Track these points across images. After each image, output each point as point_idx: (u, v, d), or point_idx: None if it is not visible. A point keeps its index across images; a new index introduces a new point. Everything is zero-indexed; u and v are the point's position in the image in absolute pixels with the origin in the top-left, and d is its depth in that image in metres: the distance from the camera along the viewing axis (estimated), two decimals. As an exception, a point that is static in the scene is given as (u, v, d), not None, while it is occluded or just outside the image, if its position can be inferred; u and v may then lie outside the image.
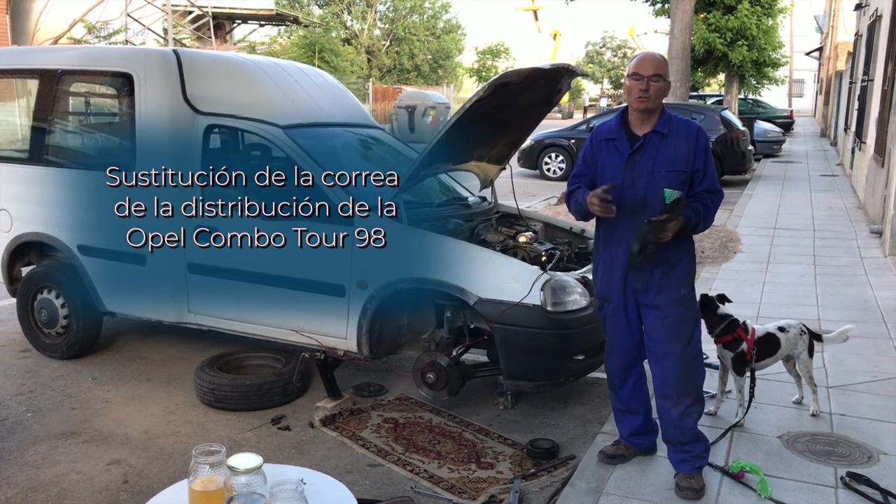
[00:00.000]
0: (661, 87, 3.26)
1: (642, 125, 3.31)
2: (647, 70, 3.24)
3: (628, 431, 3.65)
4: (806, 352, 4.09)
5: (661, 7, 19.47)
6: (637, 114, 3.31)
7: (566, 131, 17.09)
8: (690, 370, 3.38)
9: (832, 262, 8.07)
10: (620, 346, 3.51)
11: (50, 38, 20.58)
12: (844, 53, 24.35)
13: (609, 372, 3.62)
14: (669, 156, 3.27)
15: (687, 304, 3.37)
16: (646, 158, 3.28)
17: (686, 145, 3.28)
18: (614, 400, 3.67)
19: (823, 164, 18.99)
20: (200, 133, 4.80)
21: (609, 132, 3.39)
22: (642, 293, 3.36)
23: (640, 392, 3.61)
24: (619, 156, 3.33)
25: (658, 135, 3.29)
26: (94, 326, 5.26)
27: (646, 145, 3.29)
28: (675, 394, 3.36)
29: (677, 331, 3.34)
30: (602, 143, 3.40)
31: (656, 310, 3.35)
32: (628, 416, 3.63)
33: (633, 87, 3.27)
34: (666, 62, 3.38)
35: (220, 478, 2.09)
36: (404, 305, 4.47)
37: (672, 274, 3.33)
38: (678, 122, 3.34)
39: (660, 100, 3.29)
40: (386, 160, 5.70)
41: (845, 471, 3.50)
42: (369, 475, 3.70)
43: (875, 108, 11.19)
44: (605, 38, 65.60)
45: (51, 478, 3.67)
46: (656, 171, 3.26)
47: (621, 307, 3.43)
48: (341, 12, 50.11)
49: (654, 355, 3.40)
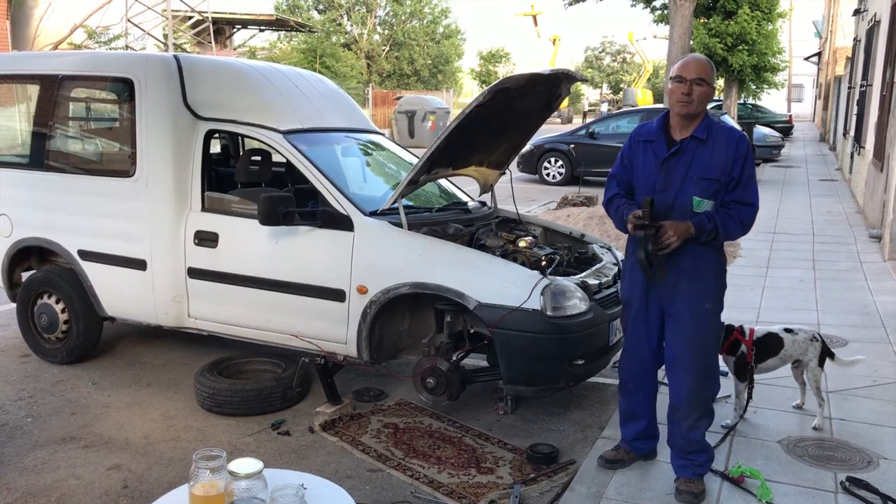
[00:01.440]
0: (705, 91, 3.17)
1: (682, 129, 3.23)
2: (690, 73, 3.15)
3: (632, 435, 3.65)
4: (816, 360, 4.05)
5: (660, 14, 19.50)
6: (678, 118, 3.23)
7: (565, 136, 17.12)
8: (704, 384, 3.36)
9: (831, 267, 8.08)
10: (637, 351, 3.49)
11: (50, 43, 20.64)
12: (843, 58, 24.38)
13: (623, 375, 3.61)
14: (705, 163, 3.18)
15: (709, 318, 3.31)
16: (681, 164, 3.21)
17: (725, 153, 3.17)
18: (623, 403, 3.67)
19: (822, 168, 19.02)
20: (201, 138, 4.81)
21: (648, 134, 3.33)
22: (667, 302, 3.32)
23: (650, 401, 3.62)
24: (654, 159, 3.27)
25: (696, 140, 3.20)
26: (94, 331, 5.26)
27: (682, 151, 3.21)
28: (686, 406, 3.34)
29: (696, 345, 3.29)
30: (640, 145, 3.34)
31: (678, 321, 3.30)
32: (633, 420, 3.64)
33: (675, 91, 3.18)
34: (711, 66, 3.24)
35: (220, 483, 2.09)
36: (404, 310, 4.48)
37: (697, 286, 3.26)
38: (719, 129, 3.23)
39: (703, 105, 3.19)
40: (386, 165, 5.72)
41: (845, 475, 3.50)
42: (369, 480, 3.69)
43: (874, 113, 11.21)
44: (605, 43, 65.96)
45: (51, 483, 3.66)
46: (689, 177, 3.18)
47: (642, 313, 3.40)
48: (341, 17, 50.21)
49: (672, 365, 3.37)
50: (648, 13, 20.20)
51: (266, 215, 4.27)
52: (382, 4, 51.24)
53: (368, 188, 5.18)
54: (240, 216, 4.69)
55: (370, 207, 4.44)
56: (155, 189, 4.77)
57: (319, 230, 4.40)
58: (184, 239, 4.75)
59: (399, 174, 5.33)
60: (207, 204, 4.80)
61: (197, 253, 4.72)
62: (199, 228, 4.73)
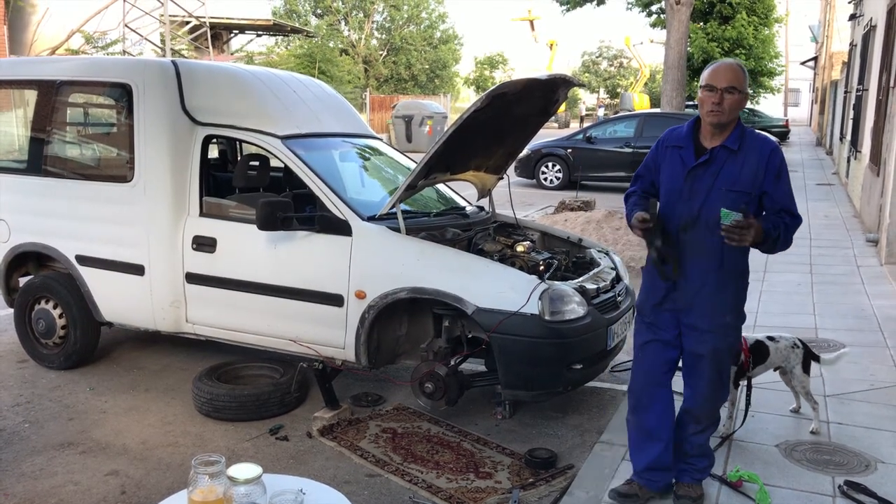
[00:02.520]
0: (737, 99, 3.02)
1: (712, 138, 3.10)
2: (721, 81, 3.00)
3: (644, 464, 3.36)
4: (799, 366, 4.06)
5: (657, 17, 19.57)
6: (709, 126, 3.09)
7: (563, 141, 17.14)
8: (717, 396, 3.32)
9: (828, 271, 8.09)
10: (650, 363, 3.32)
11: (48, 48, 20.63)
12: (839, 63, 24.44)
13: (634, 391, 3.37)
14: (734, 174, 3.04)
15: (729, 331, 3.22)
16: (709, 174, 3.07)
17: (756, 165, 3.03)
18: (634, 425, 3.39)
19: (819, 173, 19.05)
20: (199, 143, 4.81)
21: (677, 139, 3.20)
22: (684, 313, 3.20)
23: (666, 422, 3.33)
24: (681, 166, 3.13)
25: (726, 150, 3.06)
26: (92, 337, 5.26)
27: (711, 161, 3.07)
28: (697, 414, 3.31)
29: (714, 356, 3.20)
30: (668, 150, 3.22)
31: (697, 332, 3.19)
32: (648, 443, 3.34)
33: (705, 100, 3.04)
34: (744, 72, 3.07)
35: (219, 488, 2.08)
36: (402, 315, 4.48)
37: (718, 298, 3.14)
38: (752, 139, 3.09)
39: (734, 114, 3.05)
40: (383, 170, 5.72)
41: (843, 479, 3.51)
42: (367, 485, 3.69)
43: (870, 118, 11.24)
44: (602, 47, 66.03)
45: (48, 489, 3.66)
46: (716, 188, 3.05)
47: (659, 322, 3.26)
48: (338, 22, 50.29)
49: (688, 375, 3.31)
50: (645, 17, 20.32)
51: (264, 220, 4.28)
52: (380, 9, 51.35)
53: (366, 193, 5.19)
54: (238, 221, 4.69)
55: (368, 212, 4.44)
56: (153, 194, 4.77)
57: (317, 235, 4.41)
58: (182, 244, 4.75)
59: (397, 179, 5.34)
60: (205, 209, 4.80)
61: (195, 258, 4.72)
62: (197, 233, 4.73)
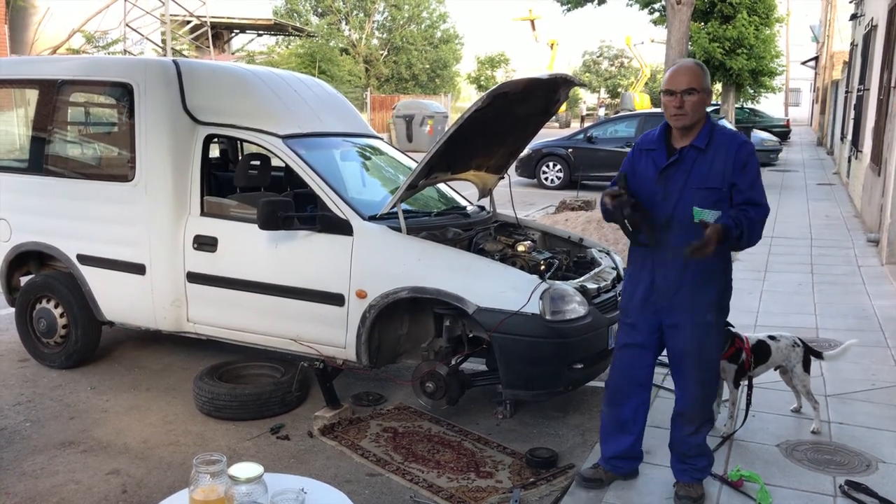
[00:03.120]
0: (698, 100, 3.07)
1: (682, 138, 3.17)
2: (680, 84, 3.07)
3: (612, 452, 3.51)
4: (800, 365, 4.07)
5: (659, 16, 19.54)
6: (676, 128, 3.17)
7: (564, 140, 17.14)
8: (706, 393, 3.34)
9: (829, 271, 8.09)
10: (628, 362, 3.40)
11: (48, 47, 20.64)
12: (840, 63, 24.44)
13: (611, 387, 3.48)
14: (704, 172, 3.10)
15: (711, 329, 3.24)
16: (680, 174, 3.14)
17: (724, 160, 3.09)
18: (608, 416, 3.52)
19: (820, 172, 19.05)
20: (200, 142, 4.81)
21: (650, 142, 3.28)
22: (666, 312, 3.25)
23: (640, 417, 3.47)
24: (654, 168, 3.21)
25: (695, 149, 3.12)
26: (93, 336, 5.26)
27: (681, 160, 3.14)
28: (690, 414, 3.33)
29: (698, 354, 3.24)
30: (642, 153, 3.29)
31: (679, 330, 3.24)
32: (620, 434, 3.48)
33: (667, 105, 3.11)
34: (703, 70, 3.14)
35: (220, 487, 2.09)
36: (403, 314, 4.48)
37: (698, 296, 3.19)
38: (721, 136, 3.14)
39: (698, 114, 3.09)
40: (384, 169, 5.72)
41: (844, 479, 3.51)
42: (368, 484, 3.69)
43: (871, 117, 11.24)
44: (602, 47, 65.97)
45: (49, 488, 3.66)
46: (689, 187, 3.12)
47: (640, 323, 3.33)
48: (339, 22, 50.29)
49: (675, 375, 3.35)
50: (647, 15, 20.26)
51: (265, 219, 4.28)
52: (381, 9, 51.35)
53: (367, 192, 5.19)
54: (239, 220, 4.69)
55: (369, 212, 4.44)
56: (154, 193, 4.77)
57: (318, 234, 4.41)
58: (183, 243, 4.76)
59: (398, 178, 5.34)
60: (206, 208, 4.80)
61: (196, 257, 4.73)
62: (199, 233, 4.74)
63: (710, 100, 3.17)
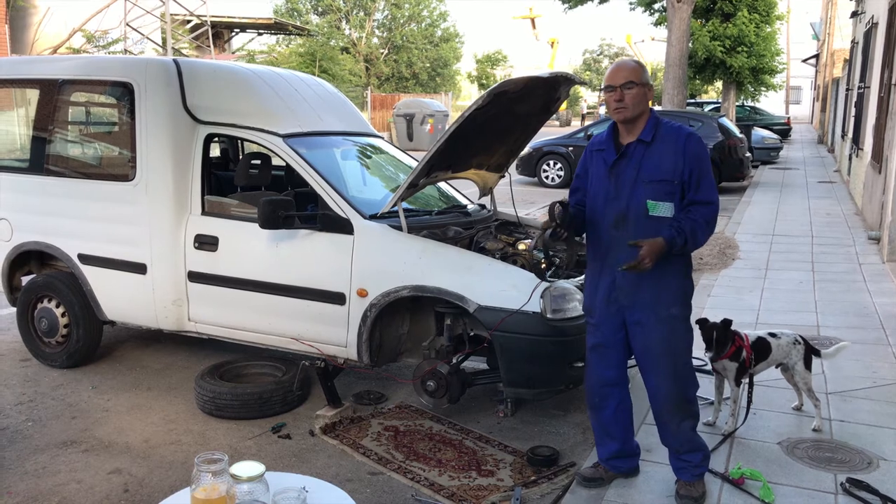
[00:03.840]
0: (638, 93, 3.13)
1: (629, 134, 3.22)
2: (618, 79, 3.14)
3: (606, 454, 3.53)
4: (801, 362, 4.07)
5: (661, 15, 19.53)
6: (620, 124, 3.23)
7: (564, 139, 17.15)
8: (681, 386, 3.31)
9: (830, 269, 8.09)
10: (600, 362, 3.40)
11: (49, 47, 20.65)
12: (841, 60, 24.42)
13: (588, 389, 3.49)
14: (653, 165, 3.14)
15: (676, 322, 3.24)
16: (630, 169, 3.18)
17: (673, 153, 3.13)
18: (594, 421, 3.54)
19: (821, 170, 19.04)
20: (201, 142, 4.82)
21: (600, 143, 3.33)
22: (629, 310, 3.26)
23: (621, 417, 3.47)
24: (605, 166, 3.25)
25: (641, 143, 3.18)
26: (95, 335, 5.26)
27: (628, 155, 3.19)
28: (666, 411, 3.33)
29: (666, 349, 3.24)
30: (593, 154, 3.35)
31: (643, 328, 3.24)
32: (607, 439, 3.50)
33: (609, 100, 3.18)
34: (640, 66, 3.23)
35: (222, 486, 2.09)
36: (404, 313, 4.48)
37: (660, 291, 3.20)
38: (666, 129, 3.19)
39: (639, 107, 3.15)
40: (385, 168, 5.72)
41: (845, 477, 3.51)
42: (370, 483, 3.70)
43: (872, 115, 11.23)
44: (603, 45, 66.06)
45: (51, 487, 3.66)
46: (640, 181, 3.15)
47: (604, 322, 3.34)
48: (339, 21, 50.26)
49: (644, 372, 3.35)
50: (648, 16, 20.25)
51: (266, 219, 4.28)
52: (381, 8, 51.31)
53: (368, 191, 5.20)
54: (240, 220, 4.70)
55: (370, 211, 4.45)
56: (155, 193, 4.78)
57: (319, 233, 4.41)
58: (184, 242, 4.76)
59: (398, 177, 5.34)
60: (207, 207, 4.81)
61: (197, 256, 4.73)
62: (199, 232, 4.74)
63: (651, 94, 3.22)
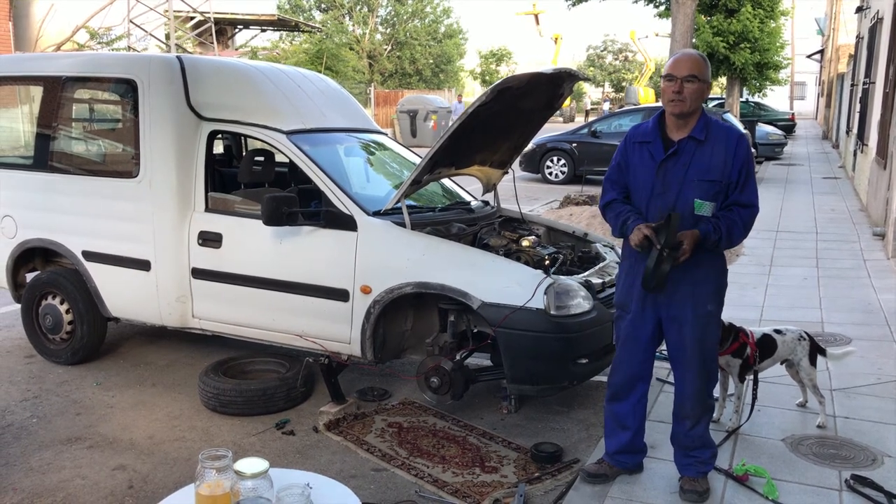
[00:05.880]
0: (698, 88, 3.07)
1: (678, 130, 3.15)
2: (681, 71, 3.07)
3: (615, 448, 3.53)
4: (806, 359, 4.06)
5: (664, 9, 19.46)
6: (673, 117, 3.15)
7: (568, 135, 17.12)
8: (706, 385, 3.34)
9: (835, 265, 8.07)
10: (630, 358, 3.40)
11: (52, 44, 20.65)
12: (846, 56, 24.36)
13: (613, 384, 3.49)
14: (704, 164, 3.10)
15: (711, 320, 3.27)
16: (679, 166, 3.12)
17: (724, 153, 3.09)
18: (609, 413, 3.55)
19: (825, 166, 18.99)
20: (204, 139, 4.82)
21: (644, 135, 3.24)
22: (665, 306, 3.25)
23: (639, 410, 3.48)
24: (651, 161, 3.18)
25: (694, 141, 3.12)
26: (99, 332, 5.27)
27: (680, 152, 3.13)
28: (691, 406, 3.33)
29: (699, 345, 3.25)
30: (636, 146, 3.26)
31: (679, 324, 3.24)
32: (620, 431, 3.51)
33: (666, 89, 3.10)
34: (704, 62, 3.14)
35: (226, 482, 2.10)
36: (408, 310, 4.48)
37: (698, 290, 3.21)
38: (718, 128, 3.15)
39: (696, 103, 3.10)
40: (388, 165, 5.72)
41: (850, 473, 3.51)
42: (374, 479, 3.70)
43: (877, 111, 11.20)
44: (606, 41, 65.82)
45: (56, 483, 3.68)
46: (689, 179, 3.10)
47: (639, 318, 3.32)
48: (343, 17, 50.23)
49: (676, 367, 3.36)
50: (652, 9, 20.16)
51: (269, 215, 4.28)
52: (384, 4, 51.26)
53: (371, 188, 5.19)
54: (243, 216, 4.70)
55: (373, 207, 4.44)
56: (158, 190, 4.78)
57: (323, 230, 4.41)
58: (187, 239, 4.76)
59: (402, 174, 5.34)
60: (211, 204, 4.81)
61: (201, 253, 4.73)
62: (203, 229, 4.74)
63: (708, 92, 3.17)
